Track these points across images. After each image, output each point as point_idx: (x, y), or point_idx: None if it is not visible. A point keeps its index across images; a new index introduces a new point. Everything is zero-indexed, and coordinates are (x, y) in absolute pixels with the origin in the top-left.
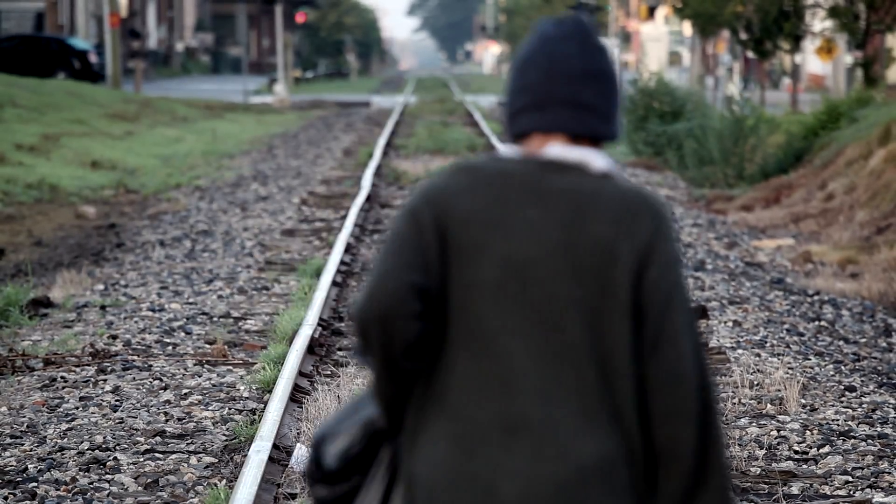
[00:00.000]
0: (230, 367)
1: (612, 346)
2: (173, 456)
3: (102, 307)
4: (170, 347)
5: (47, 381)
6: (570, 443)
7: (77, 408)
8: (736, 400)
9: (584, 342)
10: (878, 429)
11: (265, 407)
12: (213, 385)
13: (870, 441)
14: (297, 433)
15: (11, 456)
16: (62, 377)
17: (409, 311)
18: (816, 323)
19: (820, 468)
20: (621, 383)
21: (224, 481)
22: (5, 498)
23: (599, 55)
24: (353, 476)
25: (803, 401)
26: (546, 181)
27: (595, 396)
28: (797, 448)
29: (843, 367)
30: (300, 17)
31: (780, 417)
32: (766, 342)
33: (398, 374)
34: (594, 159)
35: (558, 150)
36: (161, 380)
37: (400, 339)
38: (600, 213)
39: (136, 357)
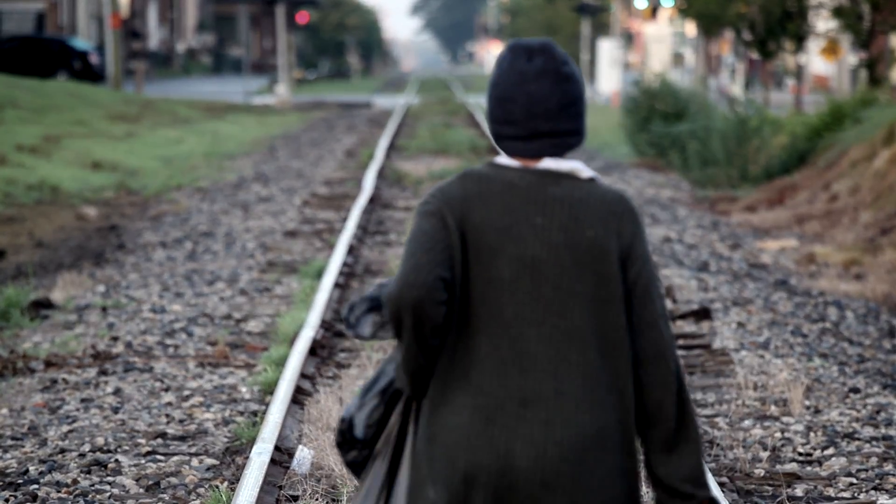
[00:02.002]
0: (232, 369)
1: (609, 329)
2: (175, 458)
3: (103, 309)
4: (171, 349)
5: (48, 383)
6: (574, 414)
7: (78, 409)
8: (740, 402)
9: (585, 327)
10: (883, 430)
11: (267, 409)
12: (215, 387)
13: (874, 443)
14: (299, 435)
15: (12, 458)
16: (63, 379)
17: (437, 299)
18: (820, 324)
19: (824, 470)
20: (621, 359)
21: (226, 483)
22: (6, 500)
23: (570, 84)
24: (378, 437)
25: (807, 402)
26: (545, 191)
27: (595, 372)
28: (801, 450)
29: (847, 369)
30: (302, 18)
31: (784, 419)
32: (770, 344)
33: (426, 349)
34: (581, 169)
35: (551, 162)
36: (162, 381)
37: (429, 322)
38: (591, 216)
39: (137, 359)
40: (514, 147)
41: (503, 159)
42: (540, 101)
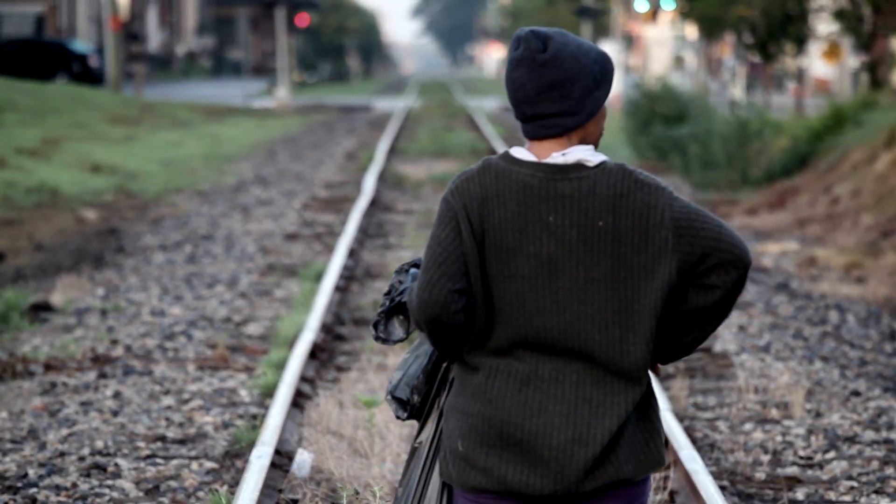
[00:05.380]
0: (231, 372)
1: (630, 301)
2: (174, 461)
3: (103, 312)
4: (171, 352)
5: (48, 386)
6: (602, 376)
7: (77, 413)
8: (741, 405)
9: (607, 307)
10: (884, 434)
11: (267, 412)
12: (215, 390)
13: (875, 446)
14: (299, 438)
15: (12, 461)
16: (63, 382)
17: (453, 310)
18: (821, 327)
19: (825, 474)
20: (643, 326)
21: (225, 487)
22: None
23: (547, 69)
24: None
25: (808, 406)
26: (556, 189)
27: (618, 345)
28: (802, 453)
29: (848, 372)
30: (302, 21)
31: (786, 423)
32: (770, 347)
33: (454, 342)
34: (588, 158)
35: (559, 156)
36: (162, 385)
37: (450, 328)
38: (601, 206)
39: (136, 362)
40: (523, 129)
41: (517, 152)
42: (520, 88)
